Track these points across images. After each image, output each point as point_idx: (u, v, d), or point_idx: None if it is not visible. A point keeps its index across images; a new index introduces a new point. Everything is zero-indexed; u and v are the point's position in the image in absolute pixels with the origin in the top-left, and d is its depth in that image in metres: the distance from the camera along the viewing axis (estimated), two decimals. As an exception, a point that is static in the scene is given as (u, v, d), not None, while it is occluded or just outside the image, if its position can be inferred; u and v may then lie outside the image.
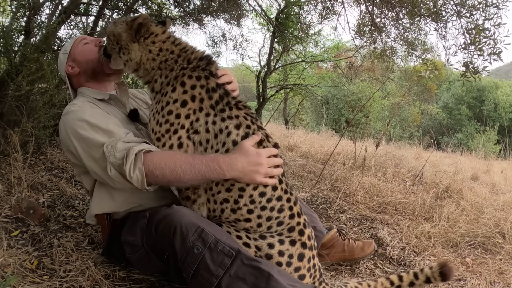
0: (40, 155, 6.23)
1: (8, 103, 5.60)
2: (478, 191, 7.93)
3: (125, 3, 8.61)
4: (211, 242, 2.82)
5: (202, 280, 2.78)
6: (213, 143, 3.16)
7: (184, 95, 3.23)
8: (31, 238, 4.07)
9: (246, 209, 3.12)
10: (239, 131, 3.14)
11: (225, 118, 3.15)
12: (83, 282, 3.34)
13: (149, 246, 3.18)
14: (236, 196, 3.12)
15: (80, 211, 4.87)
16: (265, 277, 2.73)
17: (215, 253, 2.79)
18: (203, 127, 3.18)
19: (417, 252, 4.85)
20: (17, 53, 5.67)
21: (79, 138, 3.23)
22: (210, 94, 3.23)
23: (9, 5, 6.28)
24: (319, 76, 26.10)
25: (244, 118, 3.20)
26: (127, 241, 3.33)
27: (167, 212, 3.04)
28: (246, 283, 2.74)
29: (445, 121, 42.86)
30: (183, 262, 2.85)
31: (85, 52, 3.72)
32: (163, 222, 3.00)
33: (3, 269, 3.36)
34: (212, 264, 2.77)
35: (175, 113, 3.21)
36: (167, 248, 2.98)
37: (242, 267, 2.77)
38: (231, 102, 3.25)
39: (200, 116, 3.21)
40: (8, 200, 4.66)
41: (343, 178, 7.58)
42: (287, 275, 2.95)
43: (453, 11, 7.13)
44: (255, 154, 3.07)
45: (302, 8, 13.64)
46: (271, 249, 3.09)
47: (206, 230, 2.86)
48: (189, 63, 3.37)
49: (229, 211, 3.16)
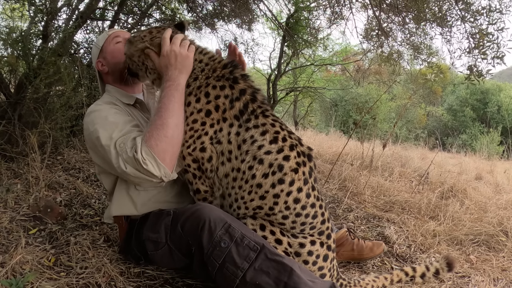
0: (57, 155, 6.24)
1: (27, 105, 5.62)
2: (482, 191, 7.91)
3: (140, 8, 8.62)
4: (237, 237, 2.85)
5: (228, 272, 2.81)
6: (236, 154, 3.15)
7: (208, 105, 3.23)
8: (49, 236, 4.08)
9: (281, 215, 3.15)
10: (265, 137, 3.11)
11: (250, 128, 3.14)
12: (99, 279, 3.34)
13: (173, 242, 3.20)
14: (271, 204, 3.13)
15: (96, 210, 4.88)
16: (288, 271, 2.76)
17: (241, 247, 2.82)
18: (225, 138, 3.18)
19: (422, 250, 4.85)
20: (35, 57, 5.69)
21: (101, 134, 3.22)
22: (234, 103, 3.22)
23: (27, 10, 6.30)
24: (327, 79, 26.12)
25: (272, 126, 3.18)
26: (149, 238, 3.34)
27: (195, 208, 3.06)
28: (270, 276, 2.77)
29: (450, 123, 42.75)
30: (209, 256, 2.87)
31: (115, 53, 3.73)
32: (190, 218, 3.02)
33: (21, 266, 3.36)
34: (238, 258, 2.80)
35: (200, 122, 3.22)
36: (193, 242, 3.00)
37: (266, 261, 2.80)
38: (257, 110, 3.22)
39: (223, 127, 3.21)
40: (26, 199, 4.68)
41: (351, 177, 7.57)
42: (307, 272, 2.98)
43: (457, 16, 7.12)
44: (166, 57, 3.25)
45: (311, 13, 13.62)
46: (301, 248, 3.15)
47: (233, 225, 2.89)
48: (214, 71, 3.36)
49: (263, 215, 3.19)
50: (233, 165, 3.16)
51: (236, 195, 3.21)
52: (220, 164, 3.22)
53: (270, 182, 3.08)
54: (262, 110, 3.24)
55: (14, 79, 6.26)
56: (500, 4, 6.30)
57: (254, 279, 2.77)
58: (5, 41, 5.75)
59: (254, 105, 3.23)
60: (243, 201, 3.19)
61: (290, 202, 3.10)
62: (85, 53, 7.63)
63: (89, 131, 3.32)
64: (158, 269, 3.62)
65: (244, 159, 3.11)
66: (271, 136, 3.12)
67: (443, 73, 8.88)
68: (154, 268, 3.62)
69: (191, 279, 3.54)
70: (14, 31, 5.87)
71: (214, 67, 3.37)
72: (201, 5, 9.53)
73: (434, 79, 9.73)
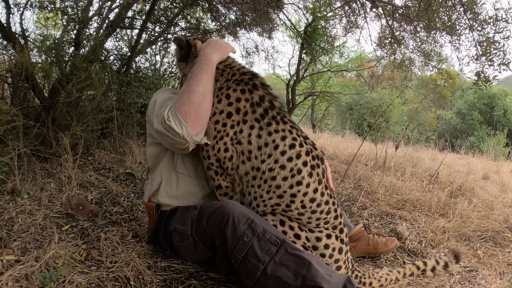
0: (89, 156, 6.28)
1: (60, 108, 5.66)
2: (488, 190, 7.88)
3: (166, 17, 8.66)
4: (259, 232, 2.89)
5: (250, 265, 2.85)
6: (256, 154, 3.20)
7: (229, 107, 3.28)
8: (80, 232, 4.12)
9: (297, 212, 3.23)
10: (285, 142, 3.18)
11: (272, 132, 3.20)
12: (128, 272, 3.37)
13: (198, 235, 3.23)
14: (287, 202, 3.21)
15: (125, 208, 4.91)
16: (306, 265, 2.80)
17: (263, 242, 2.86)
18: (245, 139, 3.23)
19: (433, 245, 4.85)
20: (67, 63, 5.73)
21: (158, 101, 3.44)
22: (255, 108, 3.27)
23: (60, 19, 6.34)
24: (343, 84, 26.02)
25: (289, 132, 3.24)
26: (176, 230, 3.37)
27: (220, 204, 3.10)
28: (289, 269, 2.80)
29: (458, 126, 42.45)
30: (232, 249, 2.91)
31: None
32: (215, 214, 3.06)
33: (54, 260, 3.39)
34: (260, 251, 2.84)
35: (222, 123, 3.27)
36: (217, 236, 3.04)
37: (286, 255, 2.84)
38: (277, 117, 3.28)
39: (243, 128, 3.26)
40: (59, 197, 4.71)
41: (366, 177, 7.56)
42: (325, 266, 3.01)
43: (466, 25, 7.09)
44: (208, 41, 3.51)
45: (328, 22, 13.63)
46: (318, 242, 3.22)
47: (255, 221, 2.93)
48: (233, 75, 3.41)
49: (281, 211, 3.26)
50: (253, 164, 3.22)
51: (255, 194, 3.28)
52: (240, 163, 3.28)
53: (289, 184, 3.16)
54: (281, 116, 3.31)
55: (48, 84, 6.29)
56: (506, 14, 6.27)
57: (274, 271, 2.80)
58: (39, 48, 5.81)
59: (274, 112, 3.29)
60: (261, 199, 3.26)
61: (306, 201, 3.19)
62: (114, 60, 7.69)
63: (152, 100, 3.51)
64: (183, 263, 3.65)
65: (265, 160, 3.17)
66: (290, 142, 3.19)
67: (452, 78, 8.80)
68: (180, 262, 3.66)
69: (214, 273, 3.57)
70: (48, 39, 5.92)
71: (233, 72, 3.44)
72: (224, 15, 9.55)
73: (443, 85, 9.67)
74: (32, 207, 4.30)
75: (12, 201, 4.40)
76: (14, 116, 4.67)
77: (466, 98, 43.61)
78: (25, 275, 3.16)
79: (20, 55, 5.14)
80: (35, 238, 3.78)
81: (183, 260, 3.67)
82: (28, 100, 5.98)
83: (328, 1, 11.24)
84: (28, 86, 5.72)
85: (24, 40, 5.85)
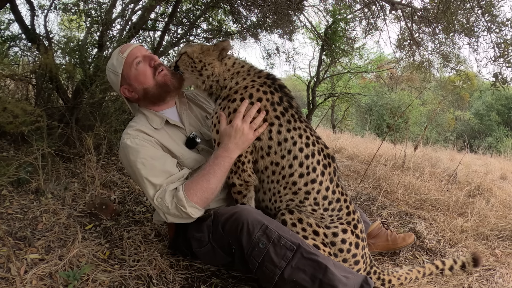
0: (112, 156, 6.30)
1: (83, 109, 5.69)
2: (506, 189, 7.80)
3: (188, 19, 8.67)
4: (274, 238, 2.90)
5: (267, 271, 2.88)
6: (276, 149, 3.27)
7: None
8: (103, 231, 4.16)
9: (311, 208, 3.29)
10: (302, 139, 3.27)
11: (291, 129, 3.27)
12: (150, 271, 3.40)
13: (215, 241, 3.27)
14: (301, 198, 3.27)
15: (148, 207, 4.92)
16: (323, 269, 2.83)
17: (278, 248, 2.88)
18: (266, 135, 3.30)
19: (451, 244, 4.82)
20: (91, 65, 5.76)
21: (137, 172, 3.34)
22: (275, 107, 3.32)
23: (84, 22, 6.37)
24: (363, 86, 25.96)
25: (304, 131, 3.32)
26: (194, 237, 3.41)
27: (233, 211, 3.12)
28: (306, 273, 2.84)
29: (476, 126, 42.20)
30: (249, 256, 2.94)
31: (139, 77, 3.55)
32: (230, 220, 3.08)
33: (78, 259, 3.42)
34: (276, 257, 2.87)
35: None
36: (234, 243, 3.08)
37: (302, 260, 2.87)
38: (295, 116, 3.36)
39: (263, 126, 3.32)
40: (83, 197, 4.74)
41: (385, 177, 7.53)
42: (342, 267, 3.04)
43: (484, 27, 7.05)
44: (233, 130, 3.26)
45: (348, 24, 13.58)
46: (335, 237, 3.27)
47: (270, 227, 2.95)
48: (259, 77, 3.47)
49: (294, 206, 3.31)
50: (272, 159, 3.29)
51: (274, 190, 3.34)
52: (260, 158, 3.34)
53: (304, 181, 3.24)
54: (298, 116, 3.38)
55: (71, 85, 6.32)
56: (524, 16, 6.23)
57: (291, 276, 2.84)
58: (63, 50, 5.84)
59: (293, 110, 3.37)
60: (279, 195, 3.32)
61: (320, 199, 3.26)
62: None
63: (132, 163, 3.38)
64: (205, 263, 3.66)
65: (284, 156, 3.25)
66: (305, 140, 3.28)
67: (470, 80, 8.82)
68: (202, 261, 3.66)
69: (235, 272, 3.59)
70: (72, 41, 5.97)
71: (259, 75, 3.51)
72: (245, 17, 9.55)
73: (462, 86, 9.70)
74: (56, 207, 4.32)
75: (36, 201, 4.42)
76: (38, 116, 4.68)
77: (484, 99, 43.31)
78: (49, 274, 3.18)
79: (44, 57, 5.16)
80: (59, 237, 3.80)
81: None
82: (52, 101, 6.01)
83: (348, 4, 11.20)
84: (52, 87, 5.76)
85: (48, 42, 5.89)
